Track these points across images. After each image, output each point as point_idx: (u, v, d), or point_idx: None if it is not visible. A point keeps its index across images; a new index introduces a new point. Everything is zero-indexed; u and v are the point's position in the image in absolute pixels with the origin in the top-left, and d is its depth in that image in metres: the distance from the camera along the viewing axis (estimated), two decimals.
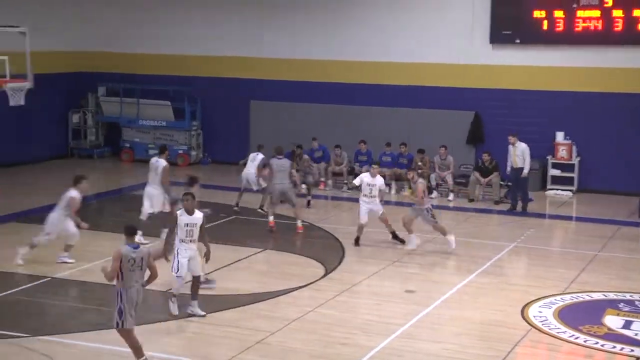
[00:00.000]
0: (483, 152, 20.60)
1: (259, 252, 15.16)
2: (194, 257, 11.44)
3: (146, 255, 9.62)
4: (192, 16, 24.48)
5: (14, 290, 11.91)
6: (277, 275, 13.79)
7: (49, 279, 13.09)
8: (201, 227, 11.37)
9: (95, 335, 10.91)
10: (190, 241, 11.31)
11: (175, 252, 11.33)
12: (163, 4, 24.79)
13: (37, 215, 13.36)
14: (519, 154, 19.08)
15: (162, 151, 15.77)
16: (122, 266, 9.41)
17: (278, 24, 23.73)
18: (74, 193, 13.51)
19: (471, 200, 20.07)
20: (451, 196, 20.27)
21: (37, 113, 23.08)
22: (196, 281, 11.55)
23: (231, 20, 24.18)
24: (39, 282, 12.99)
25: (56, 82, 23.80)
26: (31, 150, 23.39)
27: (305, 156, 19.85)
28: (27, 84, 16.65)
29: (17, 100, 16.70)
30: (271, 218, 16.48)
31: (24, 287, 12.65)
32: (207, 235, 11.63)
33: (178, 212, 11.37)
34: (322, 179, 21.30)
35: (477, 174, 20.21)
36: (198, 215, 11.38)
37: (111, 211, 18.75)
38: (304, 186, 18.67)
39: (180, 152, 24.14)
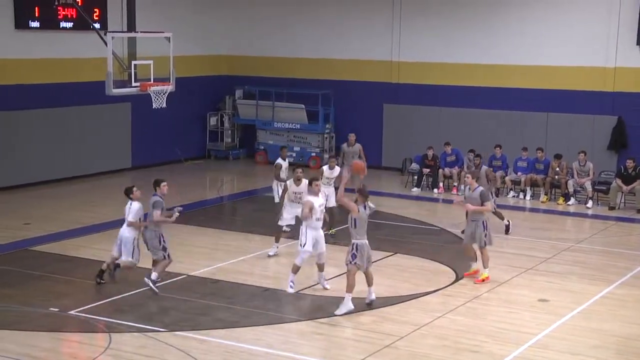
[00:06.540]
0: (627, 158, 19.74)
1: (389, 255, 15.07)
2: None
3: None
4: (327, 20, 24.69)
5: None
6: (407, 280, 13.66)
7: (184, 276, 13.48)
8: None
9: (226, 332, 11.15)
10: None
11: None
12: (299, 9, 25.13)
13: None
14: None
15: (129, 192, 12.99)
16: None
17: (415, 27, 23.57)
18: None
19: (612, 208, 19.26)
20: (590, 203, 19.54)
21: (178, 115, 23.91)
22: None
23: (365, 24, 24.22)
24: (175, 279, 13.41)
25: (196, 86, 24.59)
26: (171, 151, 24.22)
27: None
28: (170, 87, 17.13)
29: (159, 102, 17.20)
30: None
31: (161, 283, 13.05)
32: None
33: None
34: (455, 184, 20.99)
35: (619, 181, 19.38)
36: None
37: (243, 212, 19.21)
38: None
39: (313, 154, 24.39)
